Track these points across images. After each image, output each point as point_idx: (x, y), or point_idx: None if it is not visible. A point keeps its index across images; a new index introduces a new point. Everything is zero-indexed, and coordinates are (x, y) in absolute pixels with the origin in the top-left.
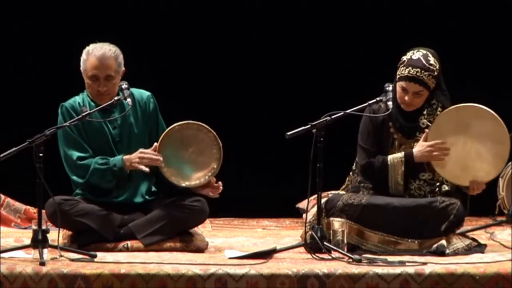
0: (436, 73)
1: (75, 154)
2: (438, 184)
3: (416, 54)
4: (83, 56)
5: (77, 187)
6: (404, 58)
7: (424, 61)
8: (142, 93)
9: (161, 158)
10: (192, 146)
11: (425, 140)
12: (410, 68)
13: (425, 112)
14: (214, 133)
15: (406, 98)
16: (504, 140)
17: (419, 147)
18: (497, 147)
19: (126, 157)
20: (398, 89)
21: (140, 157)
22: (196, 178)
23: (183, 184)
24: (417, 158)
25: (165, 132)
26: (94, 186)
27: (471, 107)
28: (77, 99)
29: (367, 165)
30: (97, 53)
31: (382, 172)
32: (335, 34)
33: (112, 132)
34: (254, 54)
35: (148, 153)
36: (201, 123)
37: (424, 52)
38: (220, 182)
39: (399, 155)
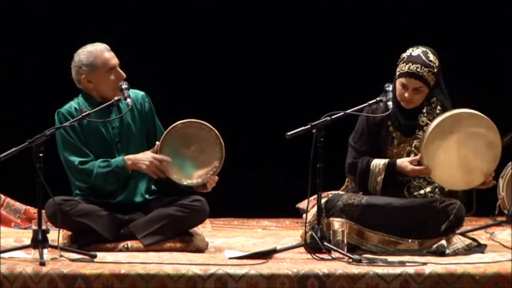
0: (435, 70)
1: (76, 159)
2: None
3: (416, 51)
4: (89, 58)
5: (80, 190)
6: (404, 55)
7: (424, 58)
8: (137, 93)
9: (169, 169)
10: (194, 144)
11: (417, 163)
12: (410, 64)
13: (424, 110)
14: (216, 131)
15: (406, 94)
16: (489, 126)
17: (404, 164)
18: (487, 136)
19: (129, 156)
20: (398, 86)
21: (150, 162)
22: (197, 176)
23: (185, 182)
24: (400, 169)
25: (167, 130)
26: (98, 189)
27: (448, 118)
28: (73, 104)
29: (352, 165)
30: (101, 47)
31: (363, 175)
32: (335, 34)
33: (111, 132)
34: (254, 54)
35: (159, 160)
36: (203, 122)
37: (424, 49)
38: (216, 176)
39: (382, 162)
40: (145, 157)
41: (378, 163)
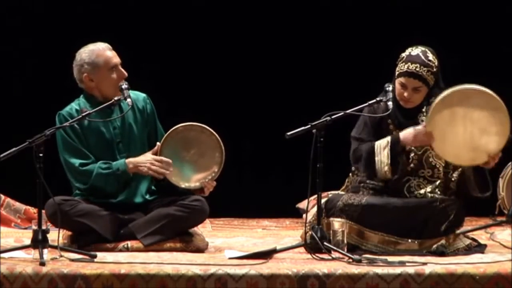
0: (435, 70)
1: (77, 161)
2: (439, 182)
3: (415, 50)
4: (91, 57)
5: (80, 190)
6: (403, 54)
7: (423, 57)
8: (138, 95)
9: (171, 169)
10: (194, 148)
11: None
12: (409, 63)
13: (424, 110)
14: (217, 136)
15: (405, 94)
16: (499, 106)
17: (407, 132)
18: (495, 115)
19: (130, 160)
20: (397, 85)
21: (151, 164)
22: (196, 180)
23: (183, 185)
24: (404, 139)
25: (168, 132)
26: (97, 190)
27: (455, 92)
28: (74, 105)
29: (356, 151)
30: (103, 46)
31: (368, 156)
32: (335, 34)
33: (112, 132)
34: (254, 54)
35: (159, 160)
36: (204, 126)
37: (423, 49)
38: (214, 181)
39: (386, 139)
40: (145, 159)
41: (382, 141)
